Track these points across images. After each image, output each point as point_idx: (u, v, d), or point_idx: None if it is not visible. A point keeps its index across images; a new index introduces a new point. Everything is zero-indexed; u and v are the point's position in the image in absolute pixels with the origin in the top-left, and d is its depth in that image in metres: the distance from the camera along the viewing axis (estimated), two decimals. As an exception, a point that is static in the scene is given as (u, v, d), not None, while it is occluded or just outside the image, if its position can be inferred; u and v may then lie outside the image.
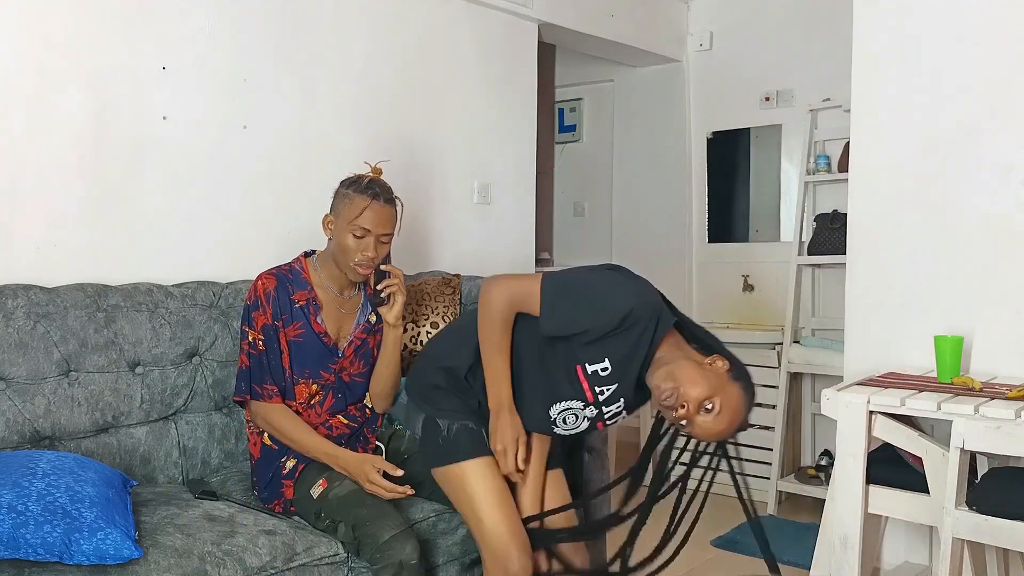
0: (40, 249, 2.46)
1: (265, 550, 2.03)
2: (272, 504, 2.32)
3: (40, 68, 2.45)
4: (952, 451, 2.27)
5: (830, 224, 4.05)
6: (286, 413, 2.33)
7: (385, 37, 3.33)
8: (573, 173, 5.31)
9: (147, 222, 2.66)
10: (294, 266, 2.42)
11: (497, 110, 3.80)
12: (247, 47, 2.89)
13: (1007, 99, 2.79)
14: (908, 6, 2.96)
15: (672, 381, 1.99)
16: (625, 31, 4.42)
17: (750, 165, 4.75)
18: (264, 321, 2.32)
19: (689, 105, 4.84)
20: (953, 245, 2.88)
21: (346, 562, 2.15)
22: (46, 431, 2.24)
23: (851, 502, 2.50)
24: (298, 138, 3.04)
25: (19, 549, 1.72)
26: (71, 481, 1.84)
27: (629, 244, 5.06)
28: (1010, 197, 2.78)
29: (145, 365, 2.44)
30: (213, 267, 2.77)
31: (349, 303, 2.46)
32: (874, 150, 3.06)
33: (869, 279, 3.05)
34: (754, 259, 4.66)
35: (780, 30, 4.48)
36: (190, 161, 2.75)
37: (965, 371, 2.71)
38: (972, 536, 2.26)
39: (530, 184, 3.99)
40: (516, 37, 3.88)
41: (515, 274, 2.29)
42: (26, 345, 2.24)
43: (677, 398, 1.97)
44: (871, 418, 2.47)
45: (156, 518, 2.05)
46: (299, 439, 2.30)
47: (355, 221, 2.30)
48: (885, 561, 3.05)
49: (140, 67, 2.64)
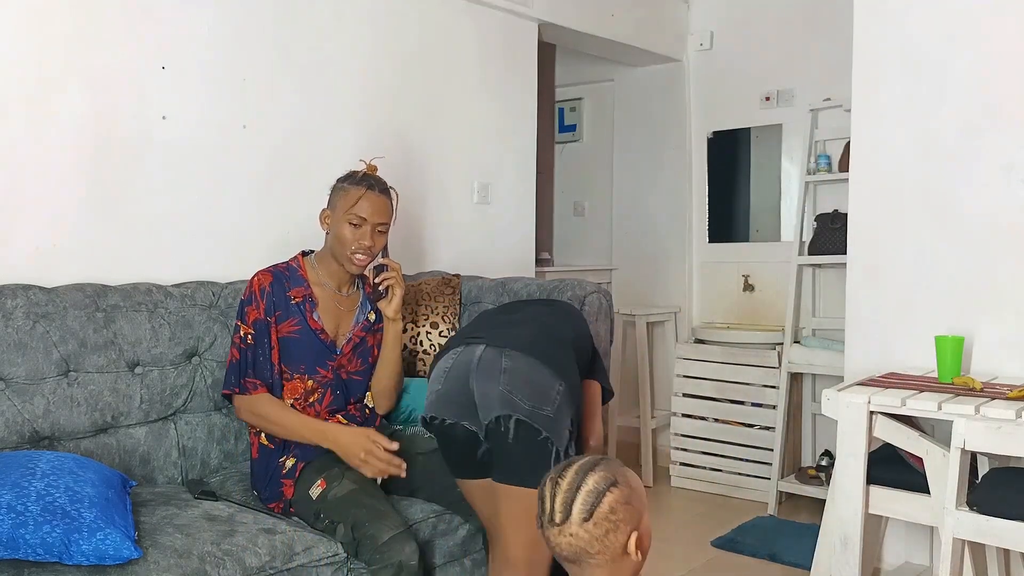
0: (40, 249, 2.45)
1: (264, 550, 2.02)
2: (271, 504, 2.31)
3: (40, 68, 2.45)
4: (953, 451, 2.27)
5: (830, 224, 4.05)
6: (271, 400, 2.33)
7: (385, 37, 3.33)
8: (573, 173, 5.31)
9: (147, 222, 2.66)
10: (291, 264, 2.44)
11: (497, 110, 3.80)
12: (247, 47, 2.89)
13: (1007, 99, 2.79)
14: (908, 6, 2.97)
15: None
16: (625, 31, 4.42)
17: (750, 165, 4.75)
18: (256, 316, 2.33)
19: (689, 105, 4.84)
20: (954, 245, 2.88)
21: (345, 563, 2.15)
22: (45, 431, 2.24)
23: (851, 502, 2.50)
24: (298, 138, 3.04)
25: (18, 549, 1.71)
26: (70, 481, 1.84)
27: (629, 244, 5.06)
28: (1010, 197, 2.78)
29: (144, 365, 2.44)
30: (213, 267, 2.77)
31: (348, 300, 2.46)
32: (874, 150, 3.06)
33: (869, 279, 3.05)
34: (754, 259, 4.66)
35: (780, 30, 4.48)
36: (190, 161, 2.75)
37: (966, 371, 2.71)
38: (973, 536, 2.26)
39: (530, 184, 3.99)
40: (516, 37, 3.88)
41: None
42: (25, 345, 2.23)
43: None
44: (871, 418, 2.47)
45: (155, 518, 2.05)
46: (287, 423, 2.30)
47: (351, 210, 2.34)
48: (886, 561, 3.05)
49: (140, 67, 2.64)
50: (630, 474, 1.53)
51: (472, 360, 2.15)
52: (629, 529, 1.48)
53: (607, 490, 1.47)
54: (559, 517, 1.48)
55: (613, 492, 1.47)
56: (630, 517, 1.49)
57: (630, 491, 1.50)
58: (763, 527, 3.82)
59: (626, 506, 1.48)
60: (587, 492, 1.47)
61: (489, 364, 2.13)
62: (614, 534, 1.47)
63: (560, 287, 2.81)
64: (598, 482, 1.48)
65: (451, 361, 2.19)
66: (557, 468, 1.53)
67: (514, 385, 2.08)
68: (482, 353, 2.15)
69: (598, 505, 1.47)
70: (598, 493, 1.47)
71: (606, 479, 1.48)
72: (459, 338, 2.27)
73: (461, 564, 2.39)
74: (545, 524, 1.50)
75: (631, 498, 1.49)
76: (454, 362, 2.18)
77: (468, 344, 2.19)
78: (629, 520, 1.48)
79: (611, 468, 1.51)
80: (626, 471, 1.53)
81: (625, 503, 1.48)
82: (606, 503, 1.47)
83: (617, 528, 1.47)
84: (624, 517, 1.48)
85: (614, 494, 1.47)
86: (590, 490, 1.47)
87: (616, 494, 1.47)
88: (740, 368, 4.23)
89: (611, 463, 1.53)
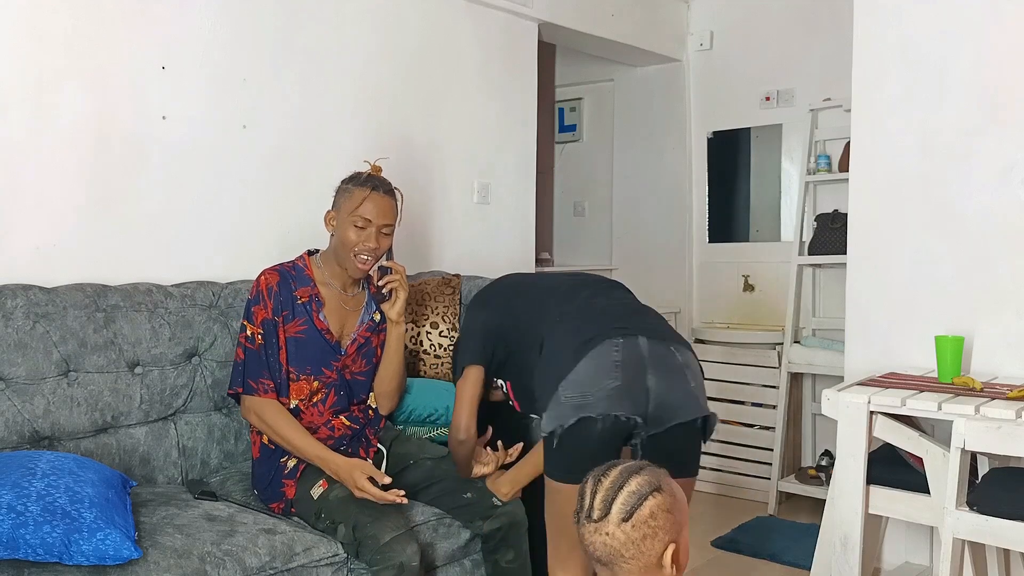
0: (40, 249, 2.45)
1: (265, 550, 2.02)
2: (272, 505, 2.31)
3: (40, 68, 2.45)
4: (953, 451, 2.27)
5: (830, 224, 4.05)
6: (280, 410, 2.32)
7: (385, 37, 3.33)
8: (573, 173, 5.30)
9: (147, 222, 2.66)
10: (297, 263, 2.43)
11: (497, 110, 3.80)
12: (247, 46, 2.89)
13: (1007, 99, 2.79)
14: (908, 6, 2.96)
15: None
16: (625, 31, 4.41)
17: (750, 165, 4.74)
18: (264, 315, 2.32)
19: (689, 105, 4.83)
20: (954, 245, 2.88)
21: (346, 563, 2.14)
22: (45, 431, 2.24)
23: (851, 502, 2.50)
24: (298, 138, 3.04)
25: (18, 550, 1.71)
26: (70, 482, 1.84)
27: (629, 244, 5.05)
28: (1010, 197, 2.78)
29: (144, 365, 2.44)
30: (213, 267, 2.76)
31: (352, 300, 2.46)
32: (874, 150, 3.06)
33: (869, 279, 3.05)
34: (754, 259, 4.65)
35: (780, 30, 4.48)
36: (190, 161, 2.75)
37: (966, 371, 2.71)
38: (973, 536, 2.26)
39: (530, 184, 3.99)
40: (516, 37, 3.88)
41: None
42: (25, 345, 2.23)
43: None
44: (872, 418, 2.47)
45: (155, 518, 2.05)
46: (291, 438, 2.29)
47: (356, 212, 2.33)
48: (886, 561, 3.05)
49: (140, 67, 2.64)
50: (675, 485, 1.48)
51: (642, 354, 2.00)
52: (667, 539, 1.43)
53: (650, 494, 1.42)
54: (597, 514, 1.43)
55: (656, 497, 1.43)
56: (669, 527, 1.43)
57: (673, 500, 1.45)
58: (763, 527, 3.82)
59: (667, 514, 1.43)
60: (629, 493, 1.43)
61: (663, 359, 2.01)
62: (651, 540, 1.42)
63: (560, 287, 2.81)
64: (641, 485, 1.43)
65: (619, 355, 1.98)
66: (602, 467, 1.49)
67: (696, 381, 2.05)
68: (648, 346, 2.01)
69: (639, 508, 1.42)
70: (640, 496, 1.42)
71: (650, 483, 1.44)
72: (595, 326, 2.06)
73: (461, 565, 2.39)
74: (582, 520, 1.45)
75: (673, 507, 1.44)
76: (624, 356, 1.99)
77: (625, 336, 2.01)
78: (668, 530, 1.43)
79: (656, 474, 1.46)
80: (671, 482, 1.48)
81: (667, 511, 1.43)
82: (647, 507, 1.42)
83: (655, 535, 1.42)
84: (663, 525, 1.42)
85: (656, 499, 1.42)
86: (632, 491, 1.43)
87: (659, 499, 1.42)
88: (740, 368, 4.23)
89: (657, 470, 1.48)
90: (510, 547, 2.32)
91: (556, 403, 1.97)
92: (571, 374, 1.97)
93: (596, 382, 1.96)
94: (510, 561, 2.33)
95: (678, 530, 1.44)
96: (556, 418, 1.96)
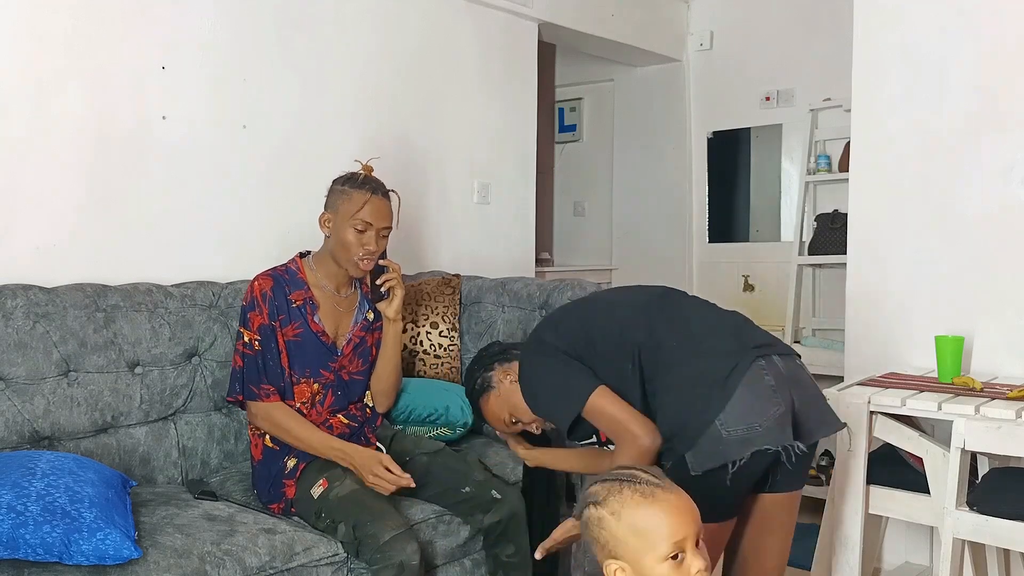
0: (40, 249, 2.45)
1: (265, 550, 2.02)
2: (273, 505, 2.31)
3: (40, 68, 2.45)
4: (953, 451, 2.27)
5: (830, 224, 4.05)
6: (289, 412, 2.33)
7: (385, 37, 3.33)
8: (573, 173, 5.31)
9: (147, 222, 2.66)
10: (290, 267, 2.43)
11: (497, 110, 3.80)
12: (247, 47, 2.89)
13: (1007, 99, 2.79)
14: (908, 6, 2.97)
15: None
16: (625, 31, 4.41)
17: (750, 165, 4.75)
18: (260, 321, 2.32)
19: (689, 105, 4.84)
20: (953, 245, 2.88)
21: (346, 562, 2.15)
22: (45, 431, 2.24)
23: (851, 502, 2.50)
24: (298, 138, 3.04)
25: (18, 549, 1.71)
26: (70, 481, 1.84)
27: (629, 244, 5.05)
28: (1010, 197, 2.78)
29: (144, 365, 2.44)
30: (212, 267, 2.76)
31: (346, 301, 2.46)
32: (874, 150, 3.06)
33: (869, 279, 3.05)
34: (754, 259, 4.66)
35: (780, 30, 4.48)
36: (190, 161, 2.75)
37: (966, 371, 2.71)
38: (973, 536, 2.26)
39: (530, 184, 3.99)
40: (516, 37, 3.88)
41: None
42: (25, 345, 2.23)
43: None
44: (872, 418, 2.47)
45: (155, 518, 2.05)
46: (305, 437, 2.30)
47: (356, 215, 2.32)
48: (886, 561, 3.05)
49: (140, 67, 2.64)
50: (632, 508, 1.40)
51: (782, 372, 1.94)
52: (603, 555, 1.43)
53: (590, 504, 1.45)
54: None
55: (592, 509, 1.45)
56: (602, 543, 1.42)
57: (611, 519, 1.41)
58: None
59: (599, 530, 1.43)
60: (585, 493, 1.47)
61: (797, 375, 1.98)
62: (592, 545, 1.45)
63: (560, 287, 2.81)
64: (596, 491, 1.45)
65: (770, 378, 1.92)
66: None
67: (821, 394, 2.05)
68: (783, 364, 1.96)
69: (583, 510, 1.47)
70: (585, 502, 1.47)
71: (596, 495, 1.45)
72: (723, 349, 1.97)
73: (461, 564, 2.38)
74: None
75: (604, 525, 1.42)
76: (775, 379, 1.92)
77: (765, 357, 1.94)
78: (603, 546, 1.43)
79: (615, 490, 1.42)
80: (628, 501, 1.41)
81: (598, 527, 1.43)
82: (585, 514, 1.46)
83: (593, 542, 1.45)
84: (596, 537, 1.43)
85: (591, 511, 1.45)
86: (587, 494, 1.47)
87: (592, 512, 1.44)
88: (740, 368, 4.22)
89: (635, 487, 1.42)
90: (510, 541, 2.33)
91: (713, 440, 1.86)
92: (728, 406, 1.87)
93: (761, 411, 1.88)
94: (510, 556, 2.33)
95: (610, 555, 1.41)
96: (719, 455, 1.86)
